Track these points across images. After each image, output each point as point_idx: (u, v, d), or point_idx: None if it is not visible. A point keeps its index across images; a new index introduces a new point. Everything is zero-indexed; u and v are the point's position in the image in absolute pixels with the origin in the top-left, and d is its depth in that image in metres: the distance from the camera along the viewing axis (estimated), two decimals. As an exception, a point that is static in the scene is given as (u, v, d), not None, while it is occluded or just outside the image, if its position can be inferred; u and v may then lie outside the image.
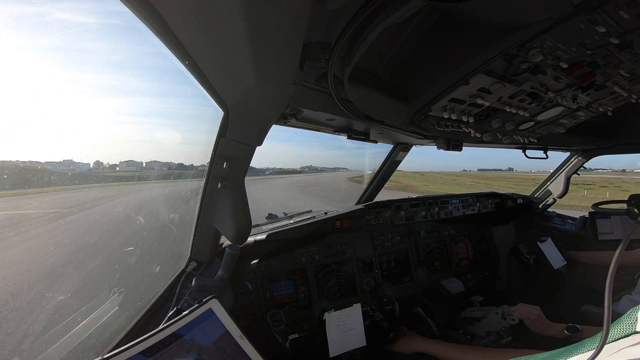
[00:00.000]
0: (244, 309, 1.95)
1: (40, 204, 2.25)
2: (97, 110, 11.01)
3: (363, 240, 2.48)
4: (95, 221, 3.16)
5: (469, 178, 72.41)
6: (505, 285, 3.02)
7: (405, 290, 2.54)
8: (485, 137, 1.84)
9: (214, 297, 1.04)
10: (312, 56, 0.96)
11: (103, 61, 7.22)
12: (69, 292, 1.91)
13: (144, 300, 1.39)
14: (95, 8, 3.00)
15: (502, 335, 1.69)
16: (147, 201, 2.63)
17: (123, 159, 4.30)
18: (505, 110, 1.53)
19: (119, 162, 4.30)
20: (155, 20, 0.73)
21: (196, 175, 1.58)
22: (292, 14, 0.71)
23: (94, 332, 1.33)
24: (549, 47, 1.04)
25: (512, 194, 3.24)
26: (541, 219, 3.30)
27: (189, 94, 1.33)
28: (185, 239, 1.61)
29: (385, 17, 0.79)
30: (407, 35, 1.10)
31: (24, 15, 1.61)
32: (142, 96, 71.79)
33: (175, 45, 0.82)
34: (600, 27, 0.93)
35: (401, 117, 1.50)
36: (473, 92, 1.32)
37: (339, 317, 1.67)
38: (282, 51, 0.86)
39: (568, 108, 1.65)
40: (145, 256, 1.82)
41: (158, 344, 0.91)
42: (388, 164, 2.74)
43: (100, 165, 3.69)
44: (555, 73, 1.23)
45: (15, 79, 2.04)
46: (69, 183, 2.57)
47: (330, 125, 1.71)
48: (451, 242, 2.92)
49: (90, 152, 7.71)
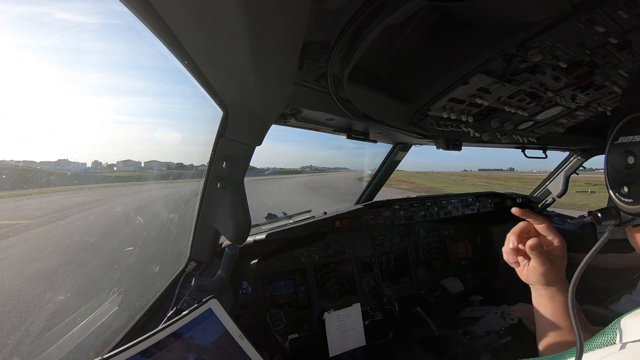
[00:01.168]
0: (243, 308, 1.95)
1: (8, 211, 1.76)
2: (96, 110, 11.01)
3: (362, 240, 2.48)
4: (63, 237, 2.30)
5: (478, 178, 71.52)
6: (504, 284, 3.03)
7: (405, 290, 2.54)
8: (485, 136, 1.85)
9: (214, 297, 1.04)
10: (312, 56, 0.96)
11: (101, 61, 7.23)
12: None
13: (143, 301, 1.39)
14: (95, 8, 3.00)
15: (502, 335, 1.69)
16: (139, 208, 2.26)
17: (120, 159, 4.18)
18: (505, 110, 1.53)
19: (117, 162, 4.16)
20: (154, 20, 0.73)
21: (196, 175, 1.58)
22: (291, 13, 0.71)
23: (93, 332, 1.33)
24: (548, 46, 1.04)
25: (512, 193, 3.25)
26: None
27: (189, 94, 1.33)
28: (184, 239, 1.61)
29: (384, 17, 0.79)
30: (406, 35, 1.10)
31: (25, 15, 1.60)
32: (141, 96, 71.84)
33: (175, 45, 0.82)
34: (600, 27, 0.93)
35: (400, 116, 1.50)
36: (472, 91, 1.32)
37: (338, 316, 1.67)
38: (282, 51, 0.86)
39: (567, 108, 1.65)
40: (144, 258, 1.78)
41: (157, 344, 0.90)
42: (387, 163, 2.75)
43: (98, 165, 3.58)
44: (555, 73, 1.23)
45: (14, 78, 2.02)
46: (65, 184, 2.09)
47: (330, 125, 1.71)
48: (451, 242, 2.92)
49: (88, 152, 7.65)
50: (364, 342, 1.69)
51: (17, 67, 1.94)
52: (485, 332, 1.75)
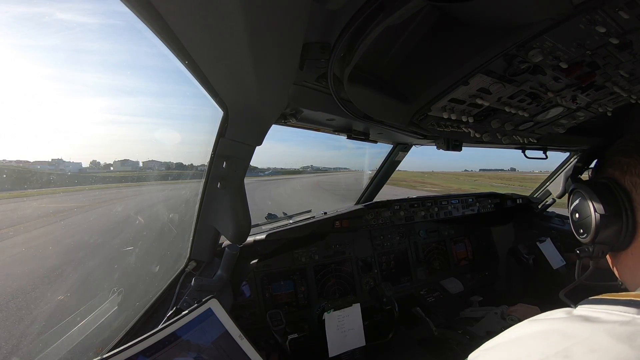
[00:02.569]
0: (243, 308, 1.95)
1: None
2: (94, 110, 10.96)
3: (362, 240, 2.48)
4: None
5: (487, 179, 70.67)
6: (504, 285, 3.03)
7: (405, 290, 2.54)
8: (485, 137, 1.84)
9: (214, 296, 1.04)
10: (312, 56, 0.96)
11: (102, 61, 7.21)
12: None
13: (143, 300, 1.39)
14: (96, 8, 2.98)
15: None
16: (129, 217, 2.02)
17: (117, 159, 4.10)
18: (505, 110, 1.53)
19: (113, 162, 4.05)
20: (155, 20, 0.73)
21: (196, 175, 1.58)
22: (292, 13, 0.71)
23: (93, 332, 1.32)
24: (549, 47, 1.04)
25: (512, 194, 3.24)
26: (540, 219, 3.30)
27: (189, 94, 1.33)
28: (184, 238, 1.61)
29: (385, 17, 0.79)
30: (406, 36, 1.10)
31: (25, 15, 1.60)
32: (141, 96, 71.49)
33: (175, 45, 0.82)
34: (600, 28, 0.93)
35: (401, 117, 1.50)
36: (473, 92, 1.32)
37: (338, 317, 1.67)
38: (282, 51, 0.86)
39: (567, 108, 1.65)
40: (144, 260, 1.75)
41: (157, 344, 0.90)
42: (388, 164, 2.74)
43: (97, 165, 3.50)
44: (555, 73, 1.23)
45: (14, 78, 2.00)
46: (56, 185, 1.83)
47: (330, 125, 1.71)
48: (450, 242, 2.92)
49: (88, 152, 7.57)
50: (363, 342, 1.69)
51: (17, 67, 1.91)
52: (485, 332, 1.75)
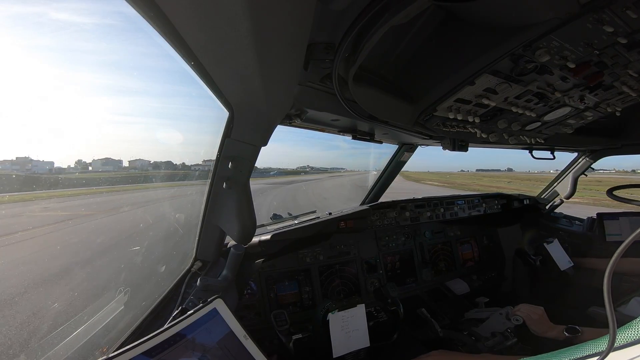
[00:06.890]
0: (248, 308, 1.95)
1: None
2: (96, 110, 11.04)
3: (367, 241, 2.48)
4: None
5: (498, 179, 69.78)
6: (511, 286, 3.00)
7: (410, 291, 2.53)
8: (492, 137, 1.83)
9: (219, 296, 1.05)
10: (317, 56, 0.97)
11: (101, 61, 7.28)
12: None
13: (149, 300, 1.40)
14: (99, 9, 3.01)
15: (507, 336, 1.67)
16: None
17: (96, 157, 3.92)
18: (512, 110, 1.52)
19: (92, 161, 3.73)
20: (160, 21, 0.73)
21: (201, 175, 1.58)
22: (297, 14, 0.71)
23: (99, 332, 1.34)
24: (556, 47, 1.03)
25: (519, 194, 3.22)
26: (548, 220, 3.26)
27: (195, 95, 1.34)
28: (190, 239, 1.62)
29: (390, 17, 0.79)
30: (412, 35, 1.09)
31: (24, 15, 1.60)
32: (145, 96, 72.08)
33: (181, 45, 0.82)
34: (608, 27, 0.92)
35: (406, 117, 1.50)
36: (479, 92, 1.31)
37: (342, 317, 1.66)
38: (287, 51, 0.86)
39: (575, 108, 1.63)
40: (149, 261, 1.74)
41: (162, 344, 0.91)
42: (393, 164, 2.74)
43: (82, 164, 3.25)
44: (562, 73, 1.22)
45: (14, 78, 1.99)
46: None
47: (335, 125, 1.71)
48: (456, 243, 2.91)
49: (92, 152, 7.34)
50: (368, 343, 1.68)
51: (16, 67, 1.92)
52: (490, 333, 1.73)
